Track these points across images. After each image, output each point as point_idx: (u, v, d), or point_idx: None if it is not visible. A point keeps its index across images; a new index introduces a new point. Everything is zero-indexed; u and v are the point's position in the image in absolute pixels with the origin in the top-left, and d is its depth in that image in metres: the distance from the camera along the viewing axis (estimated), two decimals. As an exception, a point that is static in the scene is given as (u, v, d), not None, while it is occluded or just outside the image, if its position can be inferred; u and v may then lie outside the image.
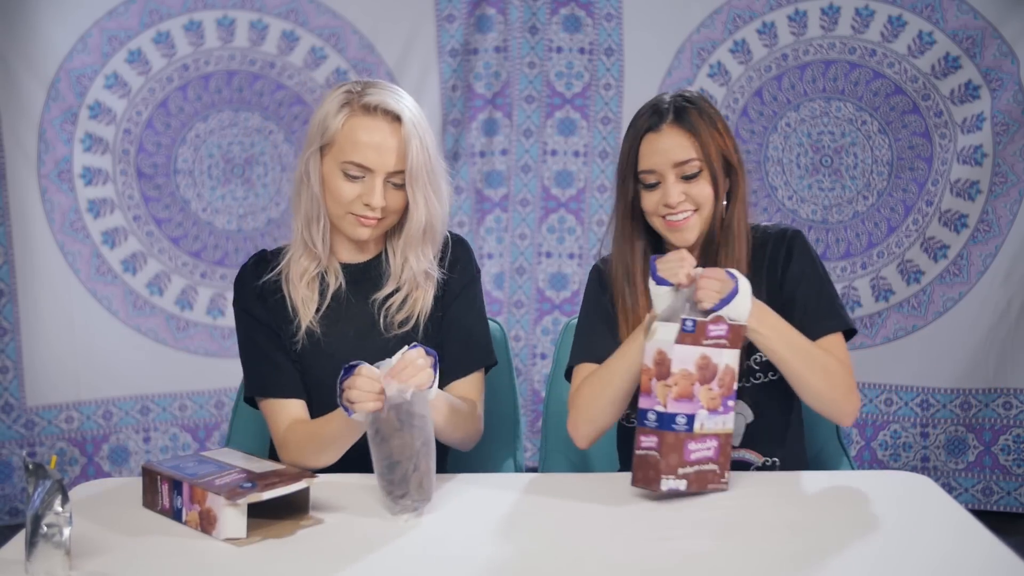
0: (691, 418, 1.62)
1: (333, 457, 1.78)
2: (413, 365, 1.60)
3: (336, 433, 1.74)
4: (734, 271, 1.72)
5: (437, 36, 3.45)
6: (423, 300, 1.88)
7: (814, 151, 3.38)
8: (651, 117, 1.84)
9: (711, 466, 1.64)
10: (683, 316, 1.63)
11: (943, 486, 2.41)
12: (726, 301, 1.67)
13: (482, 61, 3.48)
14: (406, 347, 1.64)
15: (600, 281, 1.95)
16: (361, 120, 1.80)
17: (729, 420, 1.66)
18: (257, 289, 1.90)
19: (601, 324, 1.91)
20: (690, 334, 1.62)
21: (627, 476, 1.83)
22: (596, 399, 1.85)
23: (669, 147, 1.82)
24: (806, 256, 1.88)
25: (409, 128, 1.80)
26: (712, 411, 1.63)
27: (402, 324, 1.87)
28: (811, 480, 1.78)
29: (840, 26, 3.30)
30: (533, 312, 3.55)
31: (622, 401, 1.83)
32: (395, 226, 1.89)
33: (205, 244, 3.43)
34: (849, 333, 1.88)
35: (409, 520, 1.58)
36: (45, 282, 3.25)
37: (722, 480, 1.66)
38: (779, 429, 1.91)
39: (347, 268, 1.91)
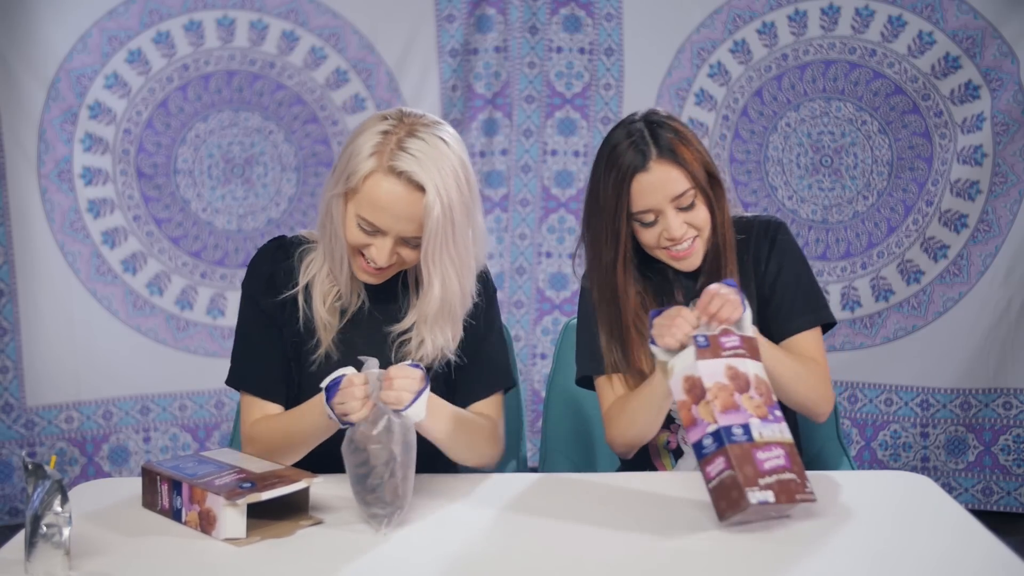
0: (747, 427, 1.53)
1: (300, 455, 1.75)
2: (389, 382, 1.57)
3: (309, 431, 1.72)
4: (731, 280, 1.71)
5: (437, 36, 3.45)
6: (442, 352, 1.82)
7: (814, 151, 3.38)
8: (634, 155, 1.78)
9: (789, 475, 1.53)
10: (694, 335, 1.60)
11: (943, 486, 2.41)
12: (744, 308, 1.66)
13: (482, 61, 3.48)
14: (408, 361, 1.64)
15: (588, 298, 1.93)
16: (383, 180, 1.68)
17: (786, 430, 1.57)
18: (270, 278, 1.85)
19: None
20: (707, 349, 1.58)
21: (626, 476, 1.83)
22: (627, 430, 1.84)
23: (662, 183, 1.78)
24: (788, 249, 1.88)
25: (431, 199, 1.66)
26: (763, 419, 1.55)
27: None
28: (811, 480, 1.77)
29: (840, 26, 3.30)
30: (533, 312, 3.55)
31: (653, 431, 1.84)
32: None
33: (205, 244, 3.43)
34: (828, 326, 1.88)
35: (384, 532, 1.54)
36: (45, 282, 3.25)
37: (807, 491, 1.53)
38: None
39: (369, 286, 1.84)
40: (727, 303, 1.63)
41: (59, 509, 1.38)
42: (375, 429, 1.55)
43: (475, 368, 1.85)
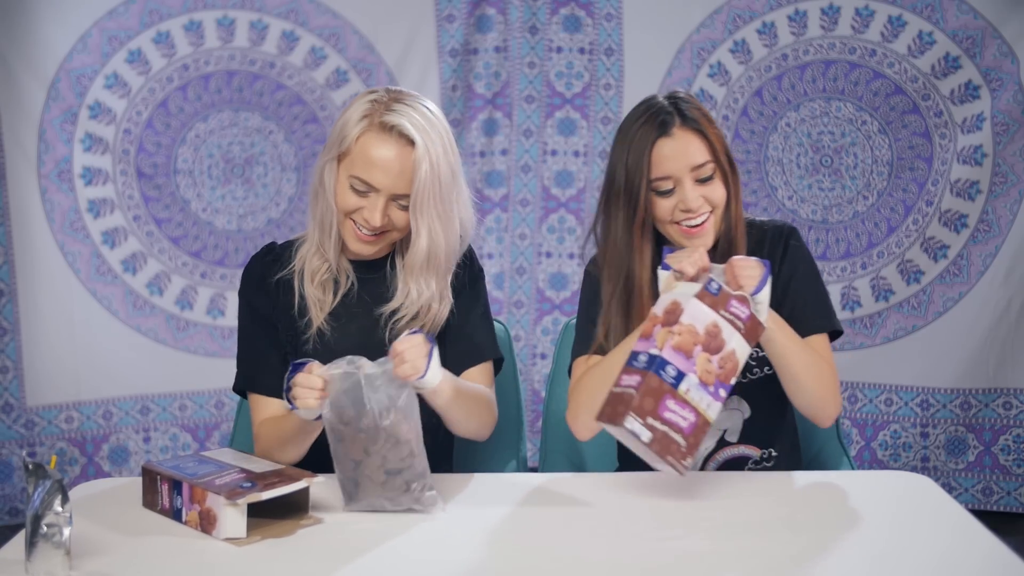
0: (680, 376, 1.54)
1: (295, 453, 1.77)
2: (399, 356, 1.61)
3: (293, 429, 1.74)
4: (768, 261, 1.71)
5: (437, 36, 3.45)
6: (434, 320, 1.86)
7: (814, 151, 3.38)
8: (659, 123, 1.80)
9: (679, 438, 1.53)
10: (711, 278, 1.60)
11: (943, 486, 2.41)
12: (762, 284, 1.66)
13: (482, 61, 3.48)
14: (406, 332, 1.66)
15: (593, 285, 1.92)
16: (375, 137, 1.77)
17: (714, 408, 1.56)
18: (263, 281, 1.89)
19: (598, 321, 1.90)
20: (711, 295, 1.58)
21: (626, 476, 1.83)
22: (597, 391, 1.84)
23: (684, 151, 1.79)
24: (800, 254, 1.88)
25: (420, 153, 1.75)
26: (703, 384, 1.55)
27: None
28: (811, 480, 1.78)
29: (840, 26, 3.30)
30: (533, 312, 3.55)
31: None
32: (403, 241, 1.87)
33: (205, 244, 3.43)
34: (834, 334, 1.88)
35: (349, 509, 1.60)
36: (45, 282, 3.25)
37: (683, 461, 1.54)
38: (775, 423, 1.92)
39: (357, 265, 1.90)
40: (749, 273, 1.64)
41: (59, 509, 1.38)
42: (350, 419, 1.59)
43: (462, 339, 1.89)
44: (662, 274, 1.73)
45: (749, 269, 1.67)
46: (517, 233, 3.54)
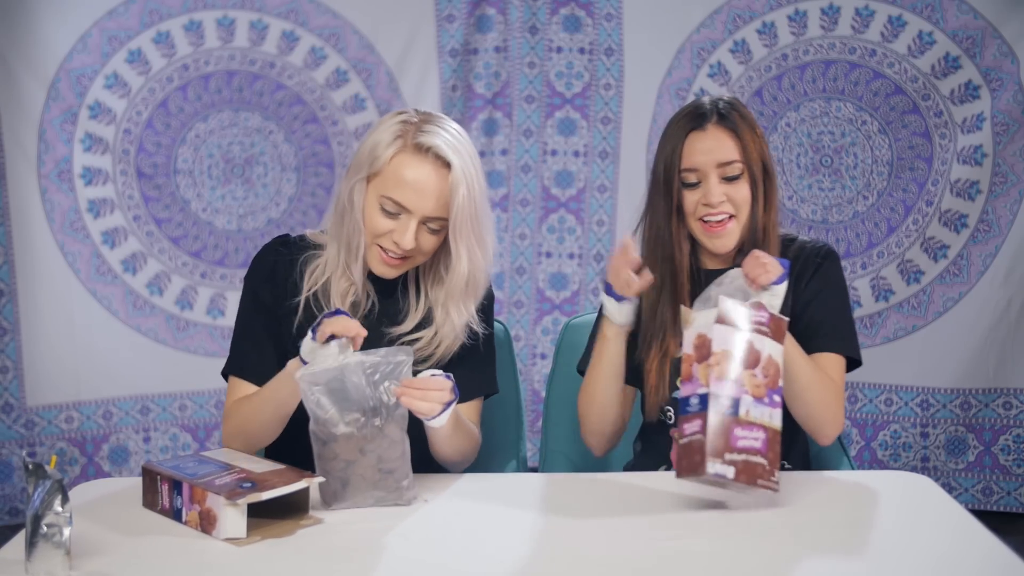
0: (736, 401, 1.54)
1: (268, 432, 1.78)
2: (423, 392, 1.61)
3: (276, 402, 1.74)
4: (786, 261, 1.70)
5: (437, 36, 3.45)
6: (449, 349, 1.84)
7: (814, 151, 3.38)
8: (695, 117, 1.84)
9: (760, 459, 1.54)
10: (722, 296, 1.60)
11: (943, 486, 2.41)
12: (781, 279, 1.66)
13: (482, 61, 3.48)
14: (435, 371, 1.67)
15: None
16: (410, 158, 1.74)
17: (777, 416, 1.57)
18: (272, 273, 1.87)
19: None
20: (730, 315, 1.58)
21: (626, 476, 1.83)
22: (588, 408, 1.88)
23: (714, 146, 1.82)
24: (832, 277, 1.88)
25: (457, 175, 1.73)
26: (757, 399, 1.55)
27: (420, 362, 1.82)
28: (811, 480, 1.77)
29: (840, 26, 3.30)
30: (533, 312, 3.55)
31: (612, 404, 1.87)
32: (428, 266, 1.86)
33: (205, 244, 3.43)
34: (852, 364, 1.87)
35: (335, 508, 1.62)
36: (45, 282, 3.25)
37: (772, 479, 1.55)
38: (791, 436, 1.91)
39: (375, 285, 1.86)
40: (766, 269, 1.65)
41: (59, 509, 1.38)
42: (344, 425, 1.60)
43: (465, 371, 1.84)
44: (609, 300, 1.76)
45: (766, 262, 1.67)
46: (517, 233, 3.54)
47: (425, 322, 1.85)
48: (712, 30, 3.38)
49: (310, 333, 1.64)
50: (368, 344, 1.78)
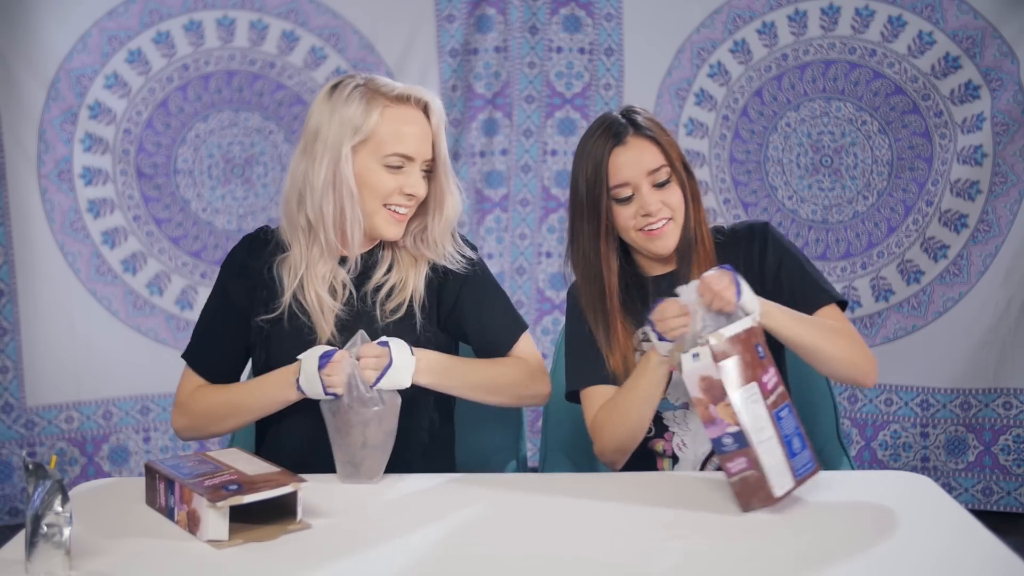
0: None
1: (237, 425, 1.89)
2: (363, 360, 1.71)
3: (266, 401, 1.81)
4: (727, 265, 1.72)
5: (437, 36, 3.45)
6: (412, 285, 1.88)
7: (814, 151, 3.38)
8: (613, 133, 1.86)
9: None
10: (707, 335, 1.60)
11: (943, 486, 2.41)
12: (739, 287, 1.66)
13: (482, 61, 3.48)
14: (368, 339, 1.75)
15: (579, 304, 1.95)
16: (400, 111, 1.82)
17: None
18: (244, 268, 1.92)
19: (594, 347, 1.92)
20: (719, 350, 1.58)
21: (627, 476, 1.83)
22: (619, 428, 1.86)
23: (639, 156, 1.84)
24: (779, 244, 1.91)
25: (438, 116, 1.84)
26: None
27: (394, 311, 1.86)
28: (811, 480, 1.77)
29: (840, 26, 3.30)
30: (533, 312, 3.55)
31: (643, 428, 1.87)
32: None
33: (205, 244, 3.43)
34: (841, 305, 1.89)
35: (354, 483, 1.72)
36: (45, 282, 3.25)
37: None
38: None
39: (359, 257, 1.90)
40: (716, 295, 1.64)
41: (59, 509, 1.38)
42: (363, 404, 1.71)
43: (493, 324, 1.92)
44: (661, 345, 1.72)
45: (720, 282, 1.66)
46: (517, 233, 3.54)
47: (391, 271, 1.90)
48: (712, 30, 3.38)
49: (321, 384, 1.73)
50: (358, 318, 1.84)
